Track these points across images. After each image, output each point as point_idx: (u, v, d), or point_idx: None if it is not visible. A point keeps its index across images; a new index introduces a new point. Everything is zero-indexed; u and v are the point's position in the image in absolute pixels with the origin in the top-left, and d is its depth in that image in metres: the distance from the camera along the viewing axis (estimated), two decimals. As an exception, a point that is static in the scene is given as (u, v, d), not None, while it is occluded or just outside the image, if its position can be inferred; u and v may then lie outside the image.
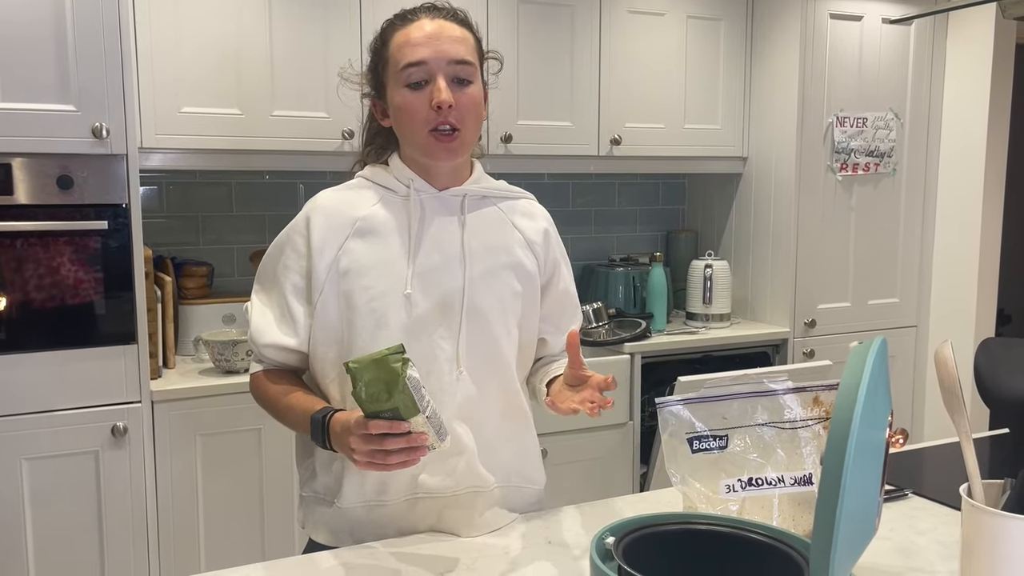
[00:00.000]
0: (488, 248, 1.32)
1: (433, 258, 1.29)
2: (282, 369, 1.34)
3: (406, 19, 1.28)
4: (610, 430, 2.77)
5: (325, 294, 1.27)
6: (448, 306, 1.28)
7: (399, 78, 1.25)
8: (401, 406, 1.06)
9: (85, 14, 2.01)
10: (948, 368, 0.99)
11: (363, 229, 1.28)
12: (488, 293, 1.30)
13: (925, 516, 1.35)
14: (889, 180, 3.17)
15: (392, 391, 1.05)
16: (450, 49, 1.24)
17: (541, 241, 1.39)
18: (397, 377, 1.04)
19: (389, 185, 1.31)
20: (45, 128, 2.00)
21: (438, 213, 1.31)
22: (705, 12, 3.03)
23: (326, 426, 1.17)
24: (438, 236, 1.30)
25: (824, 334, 3.11)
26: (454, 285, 1.28)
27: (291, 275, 1.30)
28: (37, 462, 2.06)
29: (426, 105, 1.24)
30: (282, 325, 1.30)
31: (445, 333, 1.28)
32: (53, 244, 2.03)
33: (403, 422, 1.07)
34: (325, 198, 1.32)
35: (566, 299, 1.45)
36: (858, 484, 0.74)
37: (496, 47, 2.72)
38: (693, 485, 1.21)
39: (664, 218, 3.50)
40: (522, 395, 1.37)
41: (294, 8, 2.44)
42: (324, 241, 1.27)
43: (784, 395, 1.25)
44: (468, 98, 1.26)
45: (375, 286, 1.26)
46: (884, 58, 3.10)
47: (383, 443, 1.08)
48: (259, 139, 2.44)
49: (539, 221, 1.41)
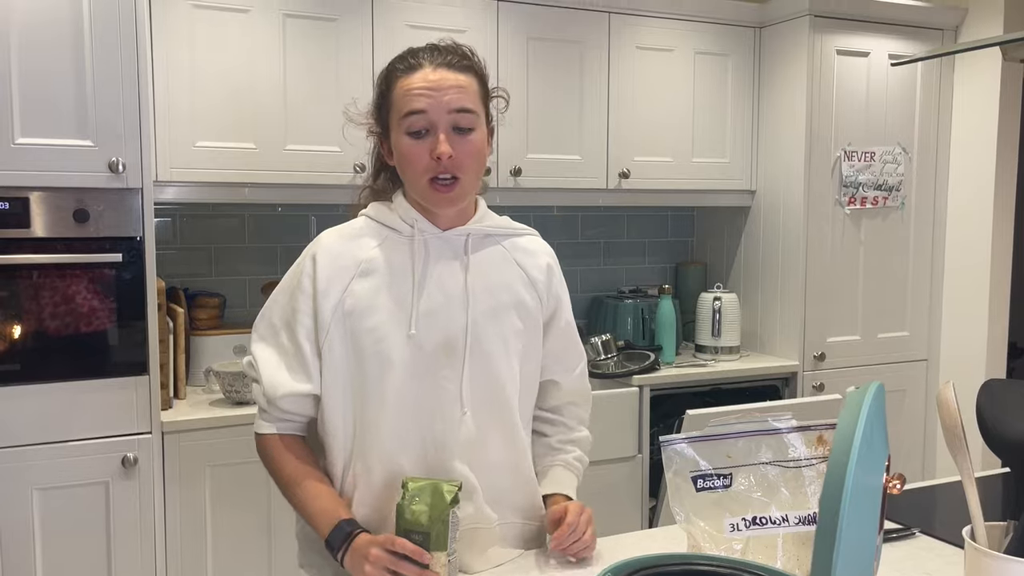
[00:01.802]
0: (491, 287, 1.33)
1: (437, 298, 1.29)
2: (296, 436, 1.34)
3: (409, 65, 1.29)
4: (618, 463, 2.77)
5: (331, 335, 1.28)
6: (451, 347, 1.29)
7: (401, 125, 1.27)
8: (434, 536, 1.09)
9: (104, 51, 2.06)
10: (950, 410, 0.99)
11: (368, 270, 1.29)
12: (491, 332, 1.31)
13: (932, 557, 1.34)
14: (898, 214, 3.18)
15: (433, 519, 1.08)
16: (451, 99, 1.25)
17: (543, 278, 1.40)
18: (444, 507, 1.08)
19: (393, 225, 1.33)
20: (62, 163, 2.04)
21: (442, 253, 1.32)
22: (713, 48, 3.06)
23: (349, 540, 1.19)
24: (441, 276, 1.31)
25: (834, 368, 3.10)
26: (457, 325, 1.29)
27: (303, 318, 1.29)
28: (47, 492, 2.07)
29: (426, 154, 1.26)
30: (296, 372, 1.30)
31: (449, 373, 1.29)
32: (68, 276, 2.06)
33: (427, 553, 1.09)
34: (329, 239, 1.33)
35: (569, 334, 1.46)
36: (855, 529, 0.75)
37: (506, 82, 2.77)
38: (697, 523, 1.21)
39: (673, 250, 3.51)
40: (522, 433, 1.37)
41: (307, 44, 2.49)
42: (329, 283, 1.28)
43: (788, 433, 1.25)
44: (469, 146, 1.27)
45: (380, 327, 1.27)
46: (891, 93, 3.12)
47: (399, 565, 1.11)
48: (272, 173, 2.48)
49: (541, 258, 1.41)
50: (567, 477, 1.43)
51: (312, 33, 2.49)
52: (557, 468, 1.43)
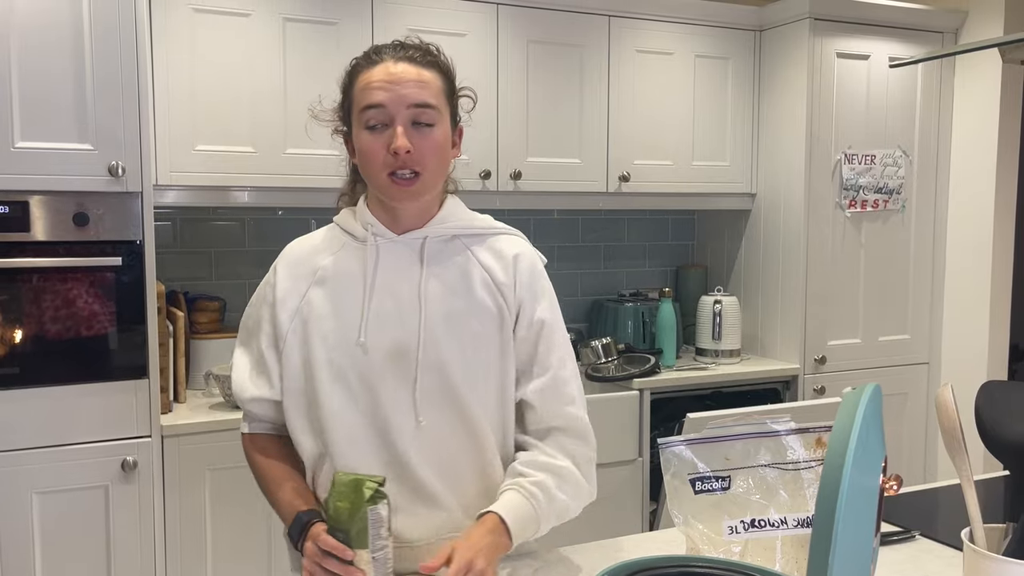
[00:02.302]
0: (448, 292, 1.28)
1: (387, 305, 1.26)
2: (270, 435, 1.36)
3: (371, 60, 1.26)
4: (619, 467, 2.76)
5: (289, 343, 1.28)
6: (402, 355, 1.25)
7: (360, 119, 1.25)
8: (354, 533, 1.07)
9: (104, 54, 2.06)
10: (948, 412, 0.99)
11: (323, 278, 1.29)
12: (449, 339, 1.26)
13: (932, 559, 1.34)
14: (898, 217, 3.17)
15: (353, 516, 1.06)
16: (410, 93, 1.22)
17: (510, 281, 1.30)
18: (362, 504, 1.06)
19: (353, 231, 1.31)
20: (62, 167, 2.04)
21: (397, 258, 1.28)
22: (713, 52, 3.06)
23: (306, 528, 1.18)
24: (393, 282, 1.27)
25: (835, 371, 3.09)
26: (408, 332, 1.25)
27: (265, 325, 1.31)
28: (47, 496, 2.07)
29: (384, 149, 1.23)
30: (257, 377, 1.32)
31: (401, 383, 1.25)
32: (68, 280, 2.06)
33: (349, 550, 1.08)
34: (292, 248, 1.34)
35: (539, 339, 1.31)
36: (851, 531, 0.75)
37: (506, 85, 2.78)
38: (696, 526, 1.21)
39: (673, 253, 3.51)
40: (491, 439, 1.29)
41: (308, 48, 2.49)
42: (287, 292, 1.29)
43: (787, 436, 1.25)
44: (429, 141, 1.24)
45: (332, 335, 1.26)
46: (892, 96, 3.11)
47: (325, 561, 1.10)
48: (272, 176, 2.48)
49: (512, 258, 1.32)
50: (510, 499, 1.22)
51: (312, 37, 2.49)
52: (506, 492, 1.24)
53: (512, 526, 1.19)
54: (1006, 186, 3.09)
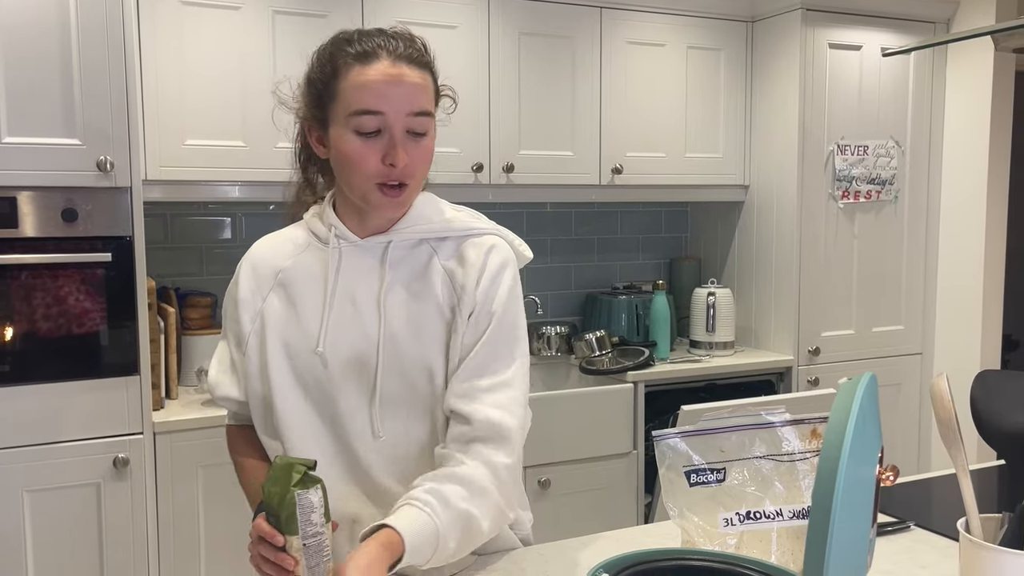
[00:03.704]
0: (411, 298, 1.21)
1: (347, 312, 1.21)
2: (242, 429, 1.35)
3: (363, 52, 1.16)
4: (614, 459, 2.76)
5: (250, 346, 1.25)
6: (362, 363, 1.20)
7: (349, 122, 1.15)
8: (283, 519, 1.04)
9: (91, 48, 2.04)
10: (944, 402, 0.99)
11: (284, 281, 1.25)
12: (410, 347, 1.20)
13: (928, 549, 1.34)
14: (891, 207, 3.17)
15: (282, 501, 1.04)
16: (411, 100, 1.15)
17: (471, 283, 1.21)
18: (288, 490, 1.03)
19: (317, 232, 1.26)
20: (51, 162, 2.02)
21: (359, 263, 1.23)
22: (705, 43, 3.05)
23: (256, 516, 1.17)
24: (354, 288, 1.22)
25: (829, 362, 3.09)
26: (368, 341, 1.20)
27: (231, 324, 1.29)
28: (38, 494, 2.05)
29: (377, 157, 1.15)
30: (228, 376, 1.30)
31: (361, 394, 1.21)
32: (57, 276, 2.05)
33: (279, 535, 1.05)
34: (257, 247, 1.31)
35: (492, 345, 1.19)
36: (848, 521, 0.74)
37: (498, 78, 2.76)
38: (691, 519, 1.20)
39: (667, 246, 3.51)
40: None
41: (298, 41, 2.47)
42: (250, 293, 1.26)
43: (782, 427, 1.24)
44: (422, 151, 1.18)
45: (291, 342, 1.23)
46: (884, 87, 3.11)
47: (259, 546, 1.06)
48: (262, 171, 2.46)
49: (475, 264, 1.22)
50: (403, 512, 1.08)
51: (302, 29, 2.48)
52: (402, 506, 1.10)
53: (408, 539, 1.04)
54: (998, 175, 3.09)
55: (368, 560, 0.99)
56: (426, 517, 1.07)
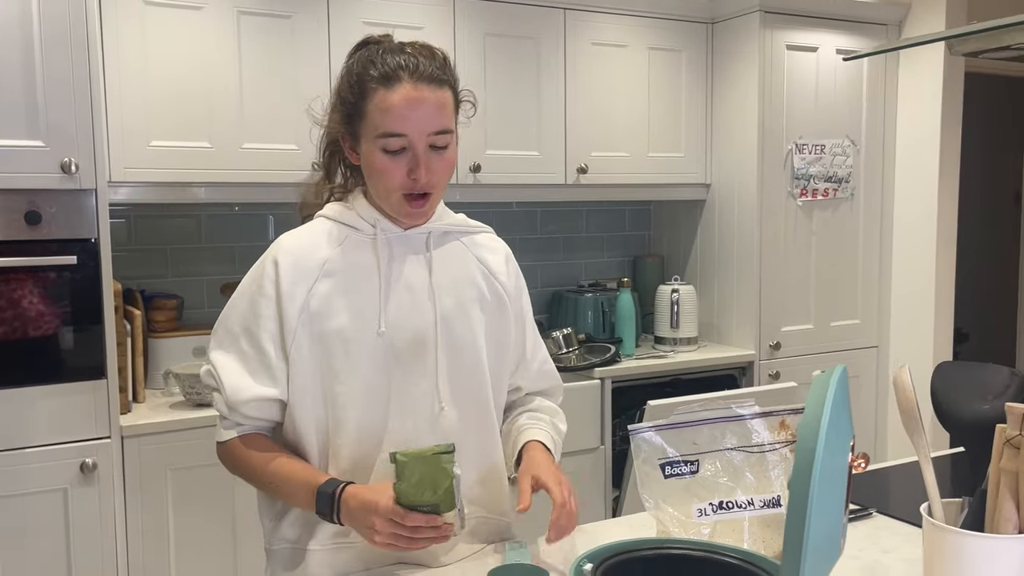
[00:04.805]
0: (454, 282, 1.34)
1: (403, 296, 1.30)
2: (256, 435, 1.31)
3: (385, 76, 1.24)
4: (581, 455, 2.80)
5: (299, 339, 1.25)
6: (421, 343, 1.29)
7: (376, 142, 1.25)
8: (442, 503, 1.11)
9: (54, 49, 2.01)
10: (906, 392, 1.03)
11: (331, 271, 1.28)
12: (460, 327, 1.32)
13: (889, 535, 1.39)
14: (848, 204, 3.26)
15: (438, 489, 1.11)
16: (431, 121, 1.25)
17: (504, 271, 1.41)
18: (448, 479, 1.11)
19: (355, 224, 1.31)
20: (13, 164, 1.99)
21: (405, 251, 1.32)
22: (666, 44, 3.10)
23: (337, 500, 1.18)
24: (406, 274, 1.31)
25: (789, 356, 3.17)
26: (426, 321, 1.30)
27: (266, 322, 1.26)
28: (4, 501, 2.02)
29: (403, 172, 1.25)
30: (259, 376, 1.26)
31: (422, 370, 1.29)
32: (21, 280, 2.02)
33: (438, 517, 1.12)
34: (289, 241, 1.30)
35: (532, 327, 1.48)
36: (823, 508, 0.78)
37: (464, 79, 2.74)
38: (666, 510, 1.24)
39: (631, 244, 3.56)
40: (496, 425, 1.38)
41: (262, 42, 2.46)
42: (294, 285, 1.26)
43: (752, 420, 1.28)
44: (444, 163, 1.29)
45: (347, 328, 1.26)
46: (839, 87, 3.20)
47: (415, 532, 1.13)
48: (229, 172, 2.45)
49: (500, 253, 1.44)
50: (535, 424, 1.42)
51: (267, 30, 2.47)
52: (531, 427, 1.41)
53: (553, 451, 1.38)
54: (949, 173, 3.19)
55: (548, 462, 1.31)
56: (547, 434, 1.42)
